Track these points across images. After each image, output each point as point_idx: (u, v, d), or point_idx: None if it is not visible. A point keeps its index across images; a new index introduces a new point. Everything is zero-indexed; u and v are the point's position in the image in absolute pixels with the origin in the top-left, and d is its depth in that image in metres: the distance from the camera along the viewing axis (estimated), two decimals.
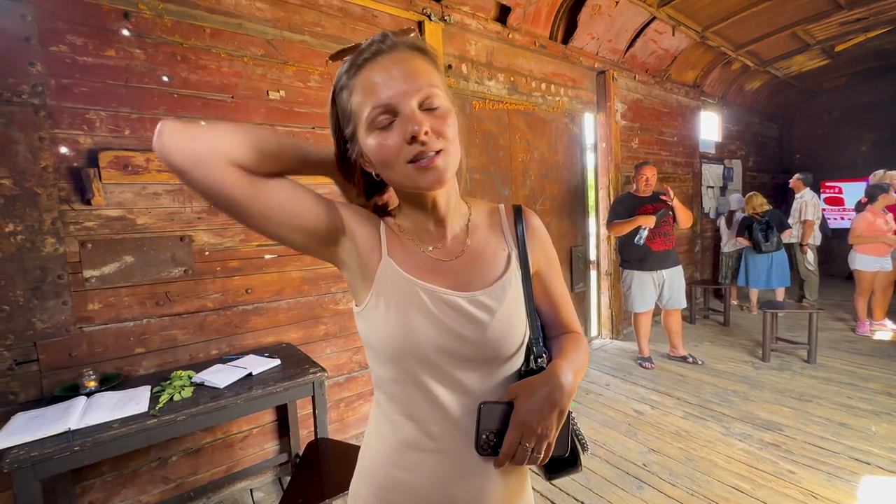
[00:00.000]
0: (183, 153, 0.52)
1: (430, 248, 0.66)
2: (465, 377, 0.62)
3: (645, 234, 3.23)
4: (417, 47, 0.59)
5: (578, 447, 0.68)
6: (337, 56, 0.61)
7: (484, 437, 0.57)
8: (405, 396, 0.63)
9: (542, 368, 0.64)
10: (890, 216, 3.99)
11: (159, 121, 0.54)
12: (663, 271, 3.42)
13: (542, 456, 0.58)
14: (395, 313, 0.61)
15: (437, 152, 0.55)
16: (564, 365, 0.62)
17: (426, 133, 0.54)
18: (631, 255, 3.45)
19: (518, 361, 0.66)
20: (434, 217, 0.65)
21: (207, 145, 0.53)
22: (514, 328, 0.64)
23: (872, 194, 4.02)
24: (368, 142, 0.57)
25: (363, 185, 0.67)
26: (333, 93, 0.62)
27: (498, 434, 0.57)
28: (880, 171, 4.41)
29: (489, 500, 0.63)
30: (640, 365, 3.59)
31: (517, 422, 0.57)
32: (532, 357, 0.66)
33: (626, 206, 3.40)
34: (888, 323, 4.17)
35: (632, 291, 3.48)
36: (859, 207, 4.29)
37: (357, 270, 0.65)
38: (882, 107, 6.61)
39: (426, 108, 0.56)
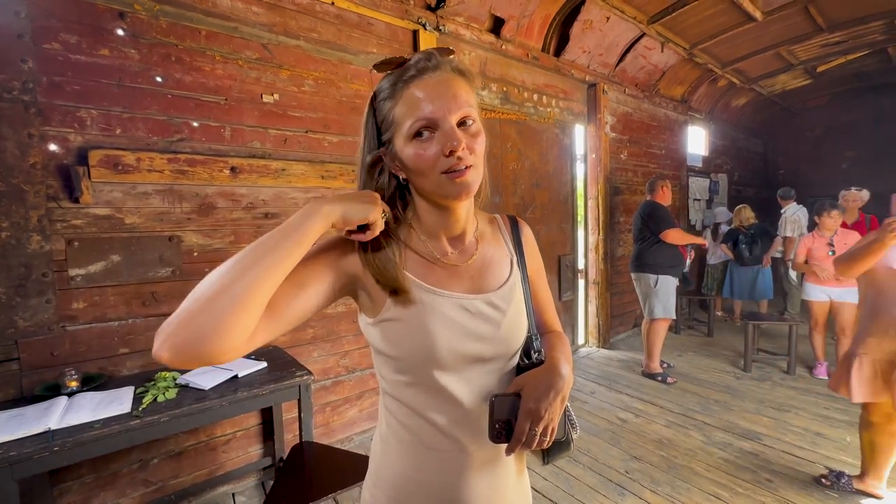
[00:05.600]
0: (195, 361, 0.47)
1: (448, 254, 0.69)
2: (477, 374, 0.66)
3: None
4: (459, 70, 0.64)
5: (570, 430, 0.73)
6: (382, 66, 0.64)
7: (497, 426, 0.62)
8: (419, 398, 0.66)
9: (541, 362, 0.69)
10: (854, 235, 3.28)
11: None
12: (678, 278, 3.48)
13: (547, 439, 0.63)
14: (415, 325, 0.63)
15: (468, 167, 0.60)
16: (561, 358, 0.68)
17: (463, 149, 0.59)
18: (662, 260, 3.37)
19: (518, 357, 0.72)
20: (454, 225, 0.69)
21: (213, 347, 0.47)
22: (521, 325, 0.71)
23: (817, 212, 3.39)
24: (406, 150, 0.61)
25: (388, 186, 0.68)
26: (373, 99, 0.65)
27: (508, 423, 0.62)
28: (853, 190, 4.06)
29: (503, 487, 0.70)
30: (663, 381, 3.41)
31: (526, 410, 0.61)
32: (532, 352, 0.71)
33: (671, 220, 3.42)
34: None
35: (670, 296, 3.40)
36: (812, 227, 3.79)
37: (370, 296, 0.66)
38: (862, 126, 6.83)
39: (462, 126, 0.61)
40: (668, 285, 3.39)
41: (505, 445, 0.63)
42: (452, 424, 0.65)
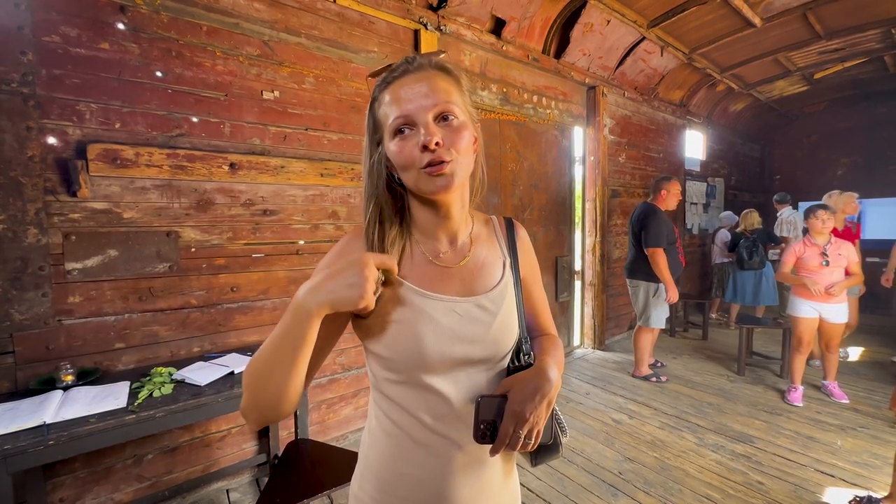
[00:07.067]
0: (273, 424, 0.60)
1: (441, 254, 0.70)
2: (465, 375, 0.67)
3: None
4: (441, 67, 0.66)
5: (559, 434, 0.73)
6: (375, 74, 0.69)
7: (482, 426, 0.62)
8: (408, 396, 0.66)
9: (530, 365, 0.69)
10: (849, 246, 2.98)
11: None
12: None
13: (532, 442, 0.63)
14: (404, 327, 0.64)
15: (445, 163, 0.61)
16: (550, 361, 0.68)
17: (437, 143, 0.60)
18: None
19: (508, 359, 0.72)
20: (445, 224, 0.70)
21: (278, 417, 0.62)
22: (511, 328, 0.71)
23: (805, 216, 3.09)
24: (391, 147, 0.64)
25: (388, 184, 0.70)
26: (371, 103, 0.69)
27: (493, 424, 0.62)
28: (835, 192, 3.82)
29: (488, 486, 0.70)
30: (657, 380, 3.49)
31: (512, 412, 0.61)
32: (521, 354, 0.71)
33: (669, 228, 3.32)
34: (835, 388, 3.18)
35: (666, 306, 3.39)
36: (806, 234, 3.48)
37: None
38: (858, 133, 6.88)
39: (442, 121, 0.62)
40: (662, 293, 3.36)
41: (490, 446, 0.63)
42: (440, 422, 0.66)
